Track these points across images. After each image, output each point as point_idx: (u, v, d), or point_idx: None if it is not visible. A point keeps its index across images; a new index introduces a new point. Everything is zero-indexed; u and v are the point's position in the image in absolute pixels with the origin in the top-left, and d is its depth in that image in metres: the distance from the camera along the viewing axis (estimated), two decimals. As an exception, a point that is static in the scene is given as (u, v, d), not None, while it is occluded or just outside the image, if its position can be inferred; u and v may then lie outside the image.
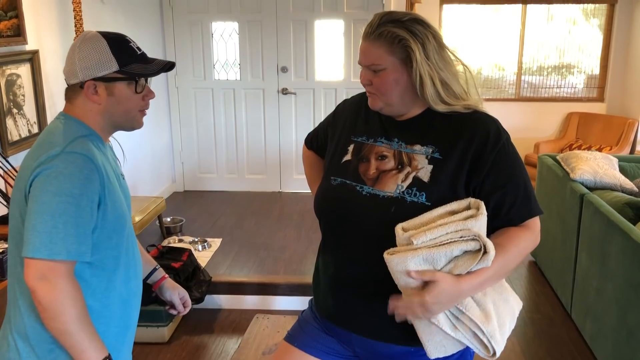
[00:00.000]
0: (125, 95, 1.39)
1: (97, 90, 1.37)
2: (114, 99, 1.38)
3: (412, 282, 1.24)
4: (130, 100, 1.40)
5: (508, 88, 6.39)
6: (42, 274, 1.24)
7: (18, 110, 2.97)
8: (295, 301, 3.38)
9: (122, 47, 1.39)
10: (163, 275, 1.71)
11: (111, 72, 1.36)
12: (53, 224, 1.24)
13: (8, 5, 2.84)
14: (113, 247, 1.38)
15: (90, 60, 1.35)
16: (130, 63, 1.38)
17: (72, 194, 1.25)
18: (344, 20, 5.01)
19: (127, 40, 1.42)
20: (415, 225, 1.27)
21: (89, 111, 1.39)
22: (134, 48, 1.41)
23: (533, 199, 1.38)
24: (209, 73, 5.20)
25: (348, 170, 1.45)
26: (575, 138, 6.02)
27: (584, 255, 3.00)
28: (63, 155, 1.28)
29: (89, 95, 1.37)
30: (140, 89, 1.41)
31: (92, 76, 1.35)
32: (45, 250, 1.23)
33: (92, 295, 1.36)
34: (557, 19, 6.21)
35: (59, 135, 1.33)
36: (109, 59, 1.36)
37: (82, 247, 1.27)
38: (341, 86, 5.10)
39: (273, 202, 5.11)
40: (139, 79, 1.39)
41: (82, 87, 1.37)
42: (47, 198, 1.25)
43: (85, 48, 1.36)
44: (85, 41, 1.38)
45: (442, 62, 1.35)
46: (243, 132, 5.29)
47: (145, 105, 1.45)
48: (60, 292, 1.25)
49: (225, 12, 5.05)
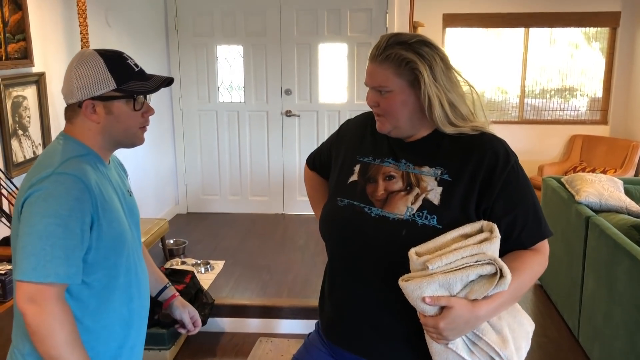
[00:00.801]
0: (124, 113, 1.38)
1: (96, 109, 1.36)
2: (112, 118, 1.37)
3: (428, 308, 1.22)
4: (129, 117, 1.39)
5: (511, 111, 6.41)
6: (31, 296, 1.23)
7: (23, 132, 2.98)
8: (299, 324, 3.34)
9: (119, 64, 1.37)
10: (173, 294, 1.68)
11: (109, 91, 1.35)
12: (41, 246, 1.22)
13: (16, 29, 2.88)
14: (111, 267, 1.36)
15: (87, 80, 1.34)
16: (127, 81, 1.37)
17: (60, 215, 1.24)
18: (347, 44, 5.05)
19: (125, 57, 1.41)
20: (429, 249, 1.25)
21: (88, 130, 1.38)
22: (132, 65, 1.40)
23: (543, 221, 1.37)
24: (214, 95, 5.23)
25: (355, 191, 1.43)
26: (579, 160, 6.01)
27: (591, 278, 2.97)
28: (53, 176, 1.27)
29: (88, 114, 1.36)
30: (139, 106, 1.40)
31: (90, 95, 1.34)
32: (33, 273, 1.22)
33: (90, 315, 1.34)
34: (559, 43, 6.25)
35: (54, 156, 1.33)
36: (106, 77, 1.34)
37: (70, 270, 1.25)
38: (344, 108, 5.12)
39: (276, 224, 5.09)
40: (137, 96, 1.38)
41: (80, 107, 1.36)
42: (35, 220, 1.24)
43: (82, 67, 1.35)
44: (82, 60, 1.37)
45: (450, 83, 1.34)
46: (246, 154, 5.30)
47: (145, 121, 1.44)
48: (49, 315, 1.23)
49: (230, 36, 5.10)
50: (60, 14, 3.30)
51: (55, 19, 3.26)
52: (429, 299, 1.21)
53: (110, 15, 3.94)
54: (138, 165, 4.06)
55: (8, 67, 2.83)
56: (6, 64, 2.81)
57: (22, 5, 2.91)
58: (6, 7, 2.80)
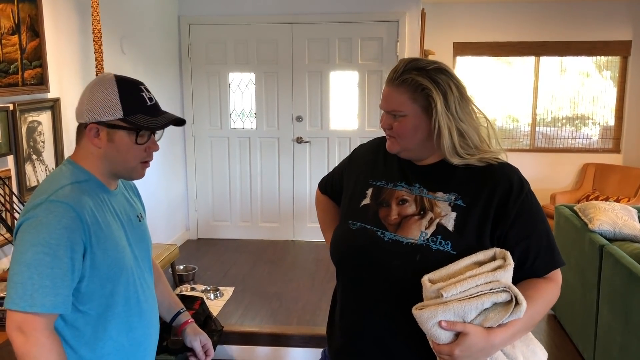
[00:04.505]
0: (125, 144, 1.35)
1: (100, 134, 1.35)
2: (113, 146, 1.35)
3: (442, 336, 1.20)
4: (130, 150, 1.36)
5: (522, 139, 6.40)
6: (18, 325, 1.22)
7: (37, 157, 3.01)
8: (309, 353, 3.30)
9: (132, 94, 1.36)
10: (187, 320, 1.65)
11: (115, 119, 1.33)
12: (29, 275, 1.22)
13: (33, 55, 2.93)
14: (107, 295, 1.34)
15: (97, 103, 1.34)
16: (136, 113, 1.34)
17: (49, 244, 1.22)
18: (358, 72, 5.09)
19: (141, 88, 1.39)
20: (442, 277, 1.24)
21: (90, 154, 1.37)
22: (145, 98, 1.37)
23: (556, 250, 1.36)
24: (225, 122, 5.27)
25: (367, 215, 1.42)
26: (592, 189, 5.96)
27: (606, 309, 2.91)
28: (45, 204, 1.26)
29: (90, 137, 1.35)
30: (143, 141, 1.37)
31: (96, 119, 1.33)
32: (20, 302, 1.21)
33: (86, 344, 1.32)
34: (570, 72, 6.27)
35: (52, 183, 1.33)
36: (116, 105, 1.33)
37: (57, 299, 1.23)
38: (355, 135, 5.14)
39: (286, 251, 5.07)
40: (141, 130, 1.35)
41: (85, 128, 1.36)
42: (24, 248, 1.24)
43: (97, 90, 1.35)
44: (98, 83, 1.37)
45: (463, 113, 1.34)
46: (257, 181, 5.32)
47: (148, 156, 1.40)
48: (34, 345, 1.22)
49: (243, 64, 5.16)
50: (76, 41, 3.36)
51: (71, 46, 3.32)
52: (445, 324, 1.19)
53: (125, 43, 4.01)
54: (149, 191, 4.08)
55: (24, 92, 2.88)
56: (22, 89, 2.86)
57: (39, 32, 2.97)
58: (24, 34, 2.86)
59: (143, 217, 1.53)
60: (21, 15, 2.83)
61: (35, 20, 2.93)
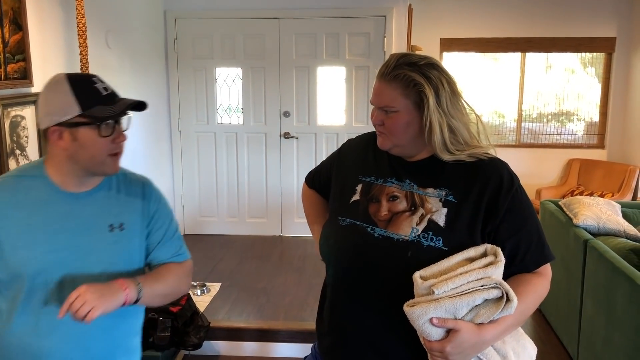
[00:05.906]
0: (89, 140, 1.31)
1: (63, 135, 1.31)
2: (78, 144, 1.31)
3: (434, 333, 1.21)
4: (95, 144, 1.32)
5: (508, 135, 6.44)
6: None
7: (21, 152, 2.97)
8: (296, 348, 3.30)
9: (85, 89, 1.32)
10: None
11: (74, 117, 1.29)
12: None
13: (16, 49, 2.89)
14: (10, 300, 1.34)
15: (52, 105, 1.30)
16: (93, 105, 1.30)
17: None
18: (345, 67, 5.09)
19: (94, 80, 1.35)
20: (434, 273, 1.24)
21: (55, 156, 1.35)
22: (99, 89, 1.33)
23: (546, 245, 1.36)
24: (212, 117, 5.24)
25: (357, 211, 1.41)
26: (576, 184, 6.02)
27: (589, 303, 2.94)
28: None
29: (55, 140, 1.32)
30: (107, 132, 1.33)
31: (56, 122, 1.30)
32: None
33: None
34: (555, 68, 6.31)
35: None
36: (71, 102, 1.29)
37: None
38: (342, 131, 5.14)
39: (273, 246, 5.06)
40: (103, 122, 1.31)
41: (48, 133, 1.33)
42: None
43: (50, 93, 1.32)
44: (50, 85, 1.33)
45: (454, 109, 1.34)
46: (244, 176, 5.30)
47: (116, 147, 1.36)
48: None
49: (230, 59, 5.13)
50: (60, 35, 3.32)
51: (55, 39, 3.28)
52: (437, 320, 1.19)
53: (111, 37, 3.97)
54: (135, 186, 4.05)
55: (7, 87, 2.84)
56: (5, 83, 2.82)
57: (22, 25, 2.93)
58: (7, 27, 2.82)
59: (124, 227, 1.42)
60: (3, 8, 2.79)
61: (18, 13, 2.89)
